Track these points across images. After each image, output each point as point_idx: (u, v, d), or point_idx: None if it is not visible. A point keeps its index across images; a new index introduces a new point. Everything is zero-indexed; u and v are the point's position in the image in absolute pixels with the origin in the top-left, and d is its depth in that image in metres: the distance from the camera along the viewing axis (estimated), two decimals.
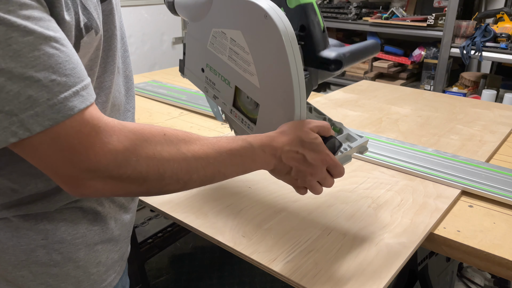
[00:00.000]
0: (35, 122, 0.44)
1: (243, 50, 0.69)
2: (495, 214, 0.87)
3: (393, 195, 0.93)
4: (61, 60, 0.45)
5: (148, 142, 0.51)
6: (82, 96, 0.47)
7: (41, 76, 0.43)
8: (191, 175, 0.55)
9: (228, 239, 0.77)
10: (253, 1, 0.62)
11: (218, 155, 0.57)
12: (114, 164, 0.49)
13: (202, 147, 0.56)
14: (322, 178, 0.66)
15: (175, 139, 0.54)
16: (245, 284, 1.86)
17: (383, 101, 1.60)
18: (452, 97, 1.71)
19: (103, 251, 0.65)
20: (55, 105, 0.44)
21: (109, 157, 0.48)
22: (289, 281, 0.68)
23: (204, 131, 1.28)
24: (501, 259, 0.74)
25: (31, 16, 0.43)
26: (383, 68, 3.01)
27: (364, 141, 0.74)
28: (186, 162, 0.54)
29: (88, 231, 0.63)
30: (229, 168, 0.60)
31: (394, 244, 0.76)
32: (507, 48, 2.40)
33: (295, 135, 0.63)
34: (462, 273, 1.83)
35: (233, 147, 0.59)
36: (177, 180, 0.54)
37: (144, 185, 0.52)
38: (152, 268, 1.96)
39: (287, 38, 0.61)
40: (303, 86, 0.65)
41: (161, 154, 0.52)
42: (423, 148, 1.14)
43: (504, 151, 1.19)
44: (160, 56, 2.98)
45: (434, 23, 2.64)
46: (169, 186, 0.55)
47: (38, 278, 0.60)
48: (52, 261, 0.60)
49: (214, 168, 0.58)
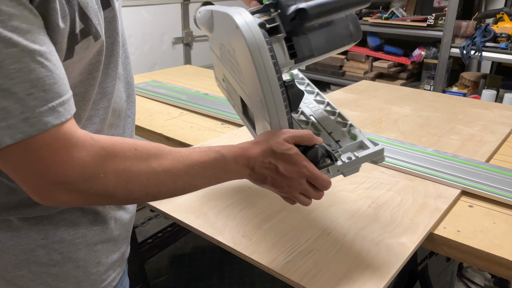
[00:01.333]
0: (6, 134, 0.44)
1: (235, 60, 0.70)
2: (495, 214, 0.87)
3: (393, 195, 0.93)
4: (42, 75, 0.45)
5: (118, 158, 0.52)
6: (58, 112, 0.47)
7: (18, 89, 0.43)
8: (160, 189, 0.56)
9: (228, 239, 0.77)
10: (228, 12, 0.64)
11: (190, 168, 0.58)
12: (81, 179, 0.50)
13: (173, 161, 0.56)
14: (303, 190, 0.63)
15: (145, 154, 0.55)
16: (245, 284, 1.86)
17: (383, 101, 1.60)
18: (452, 97, 1.71)
19: (103, 251, 0.65)
20: (29, 119, 0.45)
21: (76, 172, 0.49)
22: (289, 281, 0.68)
23: (204, 131, 1.28)
24: (501, 259, 0.74)
25: (18, 28, 0.43)
26: (383, 68, 3.01)
27: (377, 149, 0.69)
28: (155, 176, 0.55)
29: (88, 231, 0.63)
30: (200, 180, 0.60)
31: (394, 244, 0.76)
32: (507, 48, 2.40)
33: (268, 145, 0.62)
34: (462, 273, 1.83)
35: (205, 160, 0.59)
36: (146, 194, 0.55)
37: (112, 199, 0.54)
38: (152, 268, 1.96)
39: (255, 48, 0.61)
40: (279, 94, 0.63)
41: (130, 170, 0.53)
42: (423, 148, 1.14)
43: (504, 151, 1.19)
44: (160, 56, 2.98)
45: (434, 23, 2.64)
46: (138, 200, 0.56)
47: (37, 278, 0.60)
48: (52, 261, 0.60)
49: (184, 181, 0.58)
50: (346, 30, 0.71)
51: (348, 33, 0.71)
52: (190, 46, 3.17)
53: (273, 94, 0.63)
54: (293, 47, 0.67)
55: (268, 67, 0.62)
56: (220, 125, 1.33)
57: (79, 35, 0.52)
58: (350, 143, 0.71)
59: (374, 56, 3.10)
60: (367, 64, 3.11)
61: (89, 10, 0.53)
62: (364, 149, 0.70)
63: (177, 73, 2.00)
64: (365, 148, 0.70)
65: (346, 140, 0.72)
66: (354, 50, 3.17)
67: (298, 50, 0.67)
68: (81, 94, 0.58)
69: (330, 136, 0.74)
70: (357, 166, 0.68)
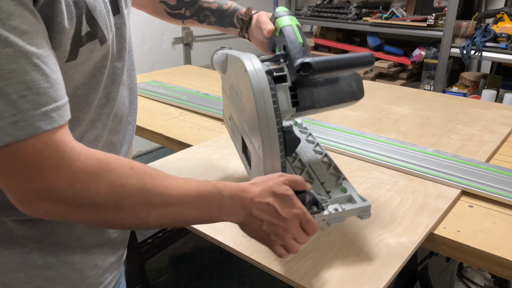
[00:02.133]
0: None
1: (241, 101, 0.75)
2: (495, 214, 0.87)
3: (393, 195, 0.93)
4: (37, 78, 0.44)
5: (113, 172, 0.50)
6: (51, 118, 0.45)
7: (11, 91, 0.42)
8: (150, 212, 0.53)
9: (228, 239, 0.77)
10: (240, 57, 0.70)
11: (184, 196, 0.55)
12: (70, 190, 0.47)
13: (169, 185, 0.54)
14: (297, 234, 0.62)
15: (142, 173, 0.53)
16: (245, 284, 1.86)
17: (383, 101, 1.60)
18: (452, 97, 1.71)
19: (99, 254, 0.65)
20: (19, 122, 0.43)
21: (66, 182, 0.47)
22: (289, 281, 0.68)
23: (204, 131, 1.28)
24: (501, 259, 0.73)
25: (16, 28, 0.42)
26: (383, 68, 3.01)
27: (364, 205, 0.71)
28: (147, 198, 0.52)
29: (85, 233, 0.63)
30: (192, 211, 0.57)
31: (394, 244, 0.76)
32: (507, 48, 2.40)
33: (267, 185, 0.61)
34: (462, 273, 1.83)
35: (201, 191, 0.57)
36: (135, 216, 0.52)
37: (99, 216, 0.51)
38: (152, 268, 1.96)
39: (258, 91, 0.65)
40: (275, 137, 0.66)
41: (123, 187, 0.50)
42: (423, 148, 1.14)
43: (504, 151, 1.19)
44: (160, 56, 2.98)
45: (434, 23, 2.64)
46: (125, 221, 0.53)
47: (33, 281, 0.60)
48: (47, 264, 0.60)
49: (176, 209, 0.55)
50: (349, 88, 0.74)
51: (350, 90, 0.74)
52: (190, 46, 3.17)
53: (269, 136, 0.67)
54: (296, 96, 0.71)
55: (268, 110, 0.66)
56: (220, 125, 1.33)
57: (84, 37, 0.52)
58: (339, 195, 0.73)
59: (374, 56, 3.10)
60: None
61: (97, 14, 0.53)
62: (352, 203, 0.72)
63: (177, 73, 2.00)
64: (353, 202, 0.73)
65: (337, 192, 0.75)
66: (354, 50, 3.17)
67: (301, 100, 0.71)
68: (83, 97, 0.58)
69: (322, 186, 0.77)
70: (342, 218, 0.70)
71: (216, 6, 0.93)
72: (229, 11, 0.92)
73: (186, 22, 0.96)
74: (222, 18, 0.93)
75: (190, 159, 1.09)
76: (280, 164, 0.69)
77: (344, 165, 1.06)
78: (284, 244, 0.62)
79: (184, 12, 0.94)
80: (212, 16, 0.93)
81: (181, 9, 0.93)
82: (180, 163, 1.06)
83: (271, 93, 0.66)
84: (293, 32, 0.73)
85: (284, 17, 0.75)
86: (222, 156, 1.10)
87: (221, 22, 0.93)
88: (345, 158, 1.10)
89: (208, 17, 0.93)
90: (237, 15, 0.91)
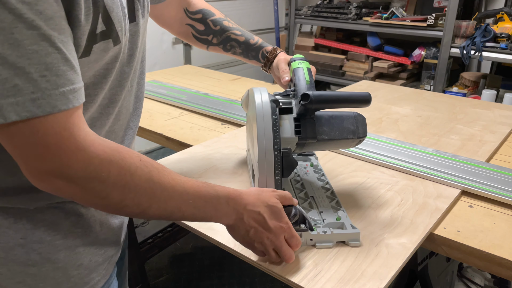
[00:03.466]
0: (12, 110, 0.45)
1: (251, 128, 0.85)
2: (495, 214, 0.87)
3: (393, 195, 0.93)
4: (56, 60, 0.47)
5: (124, 161, 0.53)
6: (67, 99, 0.48)
7: (32, 70, 0.45)
8: (152, 203, 0.57)
9: (228, 239, 0.77)
10: (252, 88, 0.82)
11: (185, 193, 0.59)
12: (83, 173, 0.51)
13: (172, 180, 0.58)
14: (278, 245, 0.67)
15: (149, 166, 0.56)
16: (245, 284, 1.86)
17: (383, 101, 1.60)
18: (452, 97, 1.71)
19: (85, 253, 0.64)
20: (38, 99, 0.46)
21: (81, 165, 0.50)
22: (289, 282, 0.68)
23: (204, 131, 1.28)
24: (501, 259, 0.73)
25: (42, 13, 0.45)
26: (383, 68, 3.01)
27: (352, 232, 0.75)
28: (151, 189, 0.56)
29: (70, 233, 0.63)
30: (189, 209, 0.61)
31: (394, 244, 0.76)
32: (507, 48, 2.40)
33: (260, 196, 0.67)
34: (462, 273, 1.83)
35: (200, 190, 0.61)
36: (138, 204, 0.56)
37: (105, 200, 0.54)
38: (152, 268, 1.96)
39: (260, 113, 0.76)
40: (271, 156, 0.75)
41: (131, 176, 0.54)
42: (423, 148, 1.14)
43: (504, 151, 1.19)
44: (160, 56, 2.98)
45: (434, 23, 2.64)
46: (128, 208, 0.56)
47: (16, 277, 0.60)
48: (30, 261, 0.60)
49: (176, 204, 0.59)
50: (352, 126, 0.82)
51: (353, 129, 0.82)
52: (190, 46, 3.17)
53: (266, 154, 0.75)
54: (299, 126, 0.80)
55: (267, 131, 0.75)
56: (220, 125, 1.33)
57: (99, 35, 0.54)
58: (332, 221, 0.79)
59: (374, 56, 3.10)
60: (367, 64, 3.11)
61: (114, 16, 0.55)
62: (342, 229, 0.77)
63: (177, 73, 1.99)
64: (343, 228, 0.78)
65: (332, 219, 0.80)
66: (354, 50, 3.17)
67: (303, 130, 0.80)
68: (91, 96, 0.59)
69: (320, 214, 0.82)
70: (329, 241, 0.75)
71: (244, 40, 0.99)
72: (255, 46, 0.99)
73: (210, 48, 1.02)
74: (248, 51, 0.99)
75: (190, 159, 1.09)
76: (274, 181, 0.76)
77: (344, 165, 1.06)
78: (265, 251, 0.68)
79: (211, 39, 0.99)
80: (238, 47, 0.99)
81: (208, 36, 0.99)
82: (180, 163, 1.06)
83: (272, 117, 0.75)
84: (302, 73, 0.86)
85: (297, 61, 0.89)
86: (222, 156, 1.10)
87: (247, 55, 1.00)
88: (345, 158, 1.10)
89: (234, 47, 0.99)
90: (263, 51, 0.98)
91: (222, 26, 0.97)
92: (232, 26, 0.98)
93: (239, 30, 0.98)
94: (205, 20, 0.97)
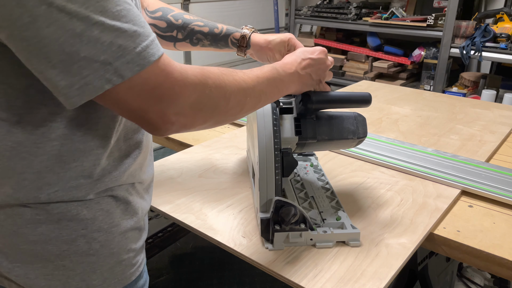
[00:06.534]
0: (126, 68, 0.49)
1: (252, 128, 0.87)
2: (495, 214, 0.87)
3: (393, 195, 0.93)
4: (135, 14, 0.51)
5: (213, 75, 0.59)
6: (157, 45, 0.52)
7: (126, 27, 0.49)
8: (246, 96, 0.65)
9: (228, 239, 0.77)
10: None
11: (258, 78, 0.68)
12: (194, 96, 0.56)
13: (246, 74, 0.66)
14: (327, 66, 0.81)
15: (226, 72, 0.63)
16: (245, 284, 1.86)
17: (383, 101, 1.60)
18: (452, 97, 1.71)
19: (133, 238, 0.68)
20: (141, 52, 0.50)
21: (190, 89, 0.55)
22: (289, 282, 0.68)
23: (204, 131, 1.28)
24: (501, 259, 0.74)
25: None
26: (383, 68, 3.01)
27: (352, 232, 0.76)
28: (240, 86, 0.64)
29: (121, 220, 0.66)
30: (267, 88, 0.69)
31: (394, 244, 0.76)
32: (506, 48, 2.40)
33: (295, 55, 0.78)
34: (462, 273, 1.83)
35: (265, 71, 0.70)
36: (238, 102, 0.63)
37: (215, 111, 0.61)
38: (152, 268, 1.96)
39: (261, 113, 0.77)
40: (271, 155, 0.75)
41: (225, 82, 0.61)
42: (423, 148, 1.14)
43: (504, 151, 1.19)
44: None
45: (434, 23, 2.64)
46: (233, 110, 0.64)
47: (77, 267, 0.63)
48: (91, 250, 0.63)
49: (258, 89, 0.67)
50: (352, 127, 0.82)
51: (353, 129, 0.82)
52: None
53: (266, 154, 0.75)
54: (300, 126, 0.81)
55: (267, 130, 0.76)
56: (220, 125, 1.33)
57: None
58: (332, 221, 0.79)
59: (374, 56, 3.10)
60: (367, 64, 3.11)
61: None
62: (342, 229, 0.78)
63: None
64: (343, 228, 0.78)
65: (332, 219, 0.80)
66: (354, 50, 3.17)
67: (303, 130, 0.81)
68: None
69: (320, 214, 0.82)
70: (329, 241, 0.76)
71: (208, 30, 0.96)
72: (221, 35, 0.96)
73: (178, 45, 0.99)
74: (216, 41, 0.97)
75: (190, 159, 1.09)
76: (274, 181, 0.76)
77: (344, 165, 1.06)
78: None
79: (176, 34, 0.97)
80: (205, 39, 0.97)
81: (172, 32, 0.97)
82: (180, 163, 1.07)
83: (273, 117, 0.77)
84: None
85: None
86: (222, 156, 1.10)
87: (216, 45, 0.98)
88: (345, 158, 1.10)
89: (201, 40, 0.97)
90: (231, 39, 0.96)
91: (184, 20, 0.96)
92: (193, 18, 0.97)
93: (201, 21, 0.97)
94: (166, 16, 0.96)
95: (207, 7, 3.12)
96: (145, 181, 0.73)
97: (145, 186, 0.73)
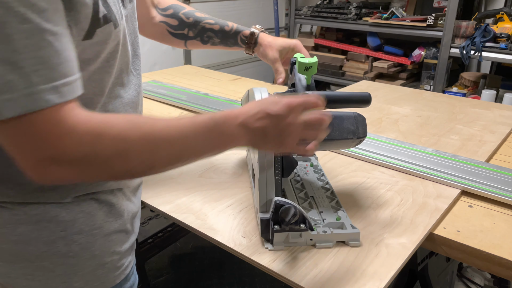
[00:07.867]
0: (7, 107, 0.45)
1: None
2: (495, 214, 0.87)
3: (393, 195, 0.93)
4: (50, 54, 0.46)
5: (113, 129, 0.52)
6: (60, 92, 0.47)
7: (25, 64, 0.44)
8: (156, 154, 0.55)
9: (228, 239, 0.77)
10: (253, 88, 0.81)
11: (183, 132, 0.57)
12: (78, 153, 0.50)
13: (166, 127, 0.56)
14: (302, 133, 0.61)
15: (139, 122, 0.55)
16: (245, 284, 1.86)
17: (383, 101, 1.60)
18: (452, 97, 1.71)
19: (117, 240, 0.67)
20: (32, 94, 0.45)
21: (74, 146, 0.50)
22: (289, 282, 0.68)
23: None
24: (501, 259, 0.74)
25: (35, 5, 0.44)
26: (383, 68, 3.01)
27: (352, 232, 0.76)
28: (149, 142, 0.54)
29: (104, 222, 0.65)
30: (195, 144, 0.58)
31: (394, 244, 0.76)
32: (506, 48, 2.40)
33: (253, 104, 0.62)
34: (462, 273, 1.83)
35: (196, 122, 0.58)
36: (142, 161, 0.54)
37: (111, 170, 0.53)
38: (152, 268, 1.96)
39: None
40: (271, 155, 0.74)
41: (125, 139, 0.53)
42: (423, 148, 1.14)
43: (504, 151, 1.19)
44: (160, 56, 2.98)
45: (434, 23, 2.64)
46: (136, 169, 0.55)
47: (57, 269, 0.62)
48: (71, 252, 0.62)
49: (180, 146, 0.57)
50: (352, 127, 0.81)
51: (353, 129, 0.81)
52: None
53: (266, 154, 0.74)
54: None
55: None
56: None
57: (102, 19, 0.55)
58: (332, 221, 0.79)
59: (374, 56, 3.11)
60: (367, 64, 3.11)
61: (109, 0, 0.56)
62: (342, 229, 0.77)
63: (177, 73, 1.99)
64: (343, 228, 0.78)
65: (332, 219, 0.80)
66: (354, 50, 3.17)
67: None
68: (97, 81, 0.61)
69: (320, 214, 0.82)
70: (329, 241, 0.76)
71: (219, 28, 0.97)
72: (232, 32, 0.97)
73: (188, 43, 1.00)
74: (226, 39, 0.98)
75: None
76: (274, 181, 0.76)
77: (344, 165, 1.06)
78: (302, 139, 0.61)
79: (187, 32, 0.98)
80: (216, 37, 0.97)
81: (183, 30, 0.97)
82: None
83: None
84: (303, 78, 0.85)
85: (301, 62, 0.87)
86: (222, 156, 1.10)
87: (226, 42, 0.98)
88: (345, 158, 1.10)
89: (211, 38, 0.98)
90: (241, 36, 0.96)
91: (195, 18, 0.95)
92: (204, 16, 0.97)
93: (212, 19, 0.97)
94: (177, 14, 0.96)
95: (207, 7, 3.12)
96: (131, 185, 0.72)
97: (132, 189, 0.73)
